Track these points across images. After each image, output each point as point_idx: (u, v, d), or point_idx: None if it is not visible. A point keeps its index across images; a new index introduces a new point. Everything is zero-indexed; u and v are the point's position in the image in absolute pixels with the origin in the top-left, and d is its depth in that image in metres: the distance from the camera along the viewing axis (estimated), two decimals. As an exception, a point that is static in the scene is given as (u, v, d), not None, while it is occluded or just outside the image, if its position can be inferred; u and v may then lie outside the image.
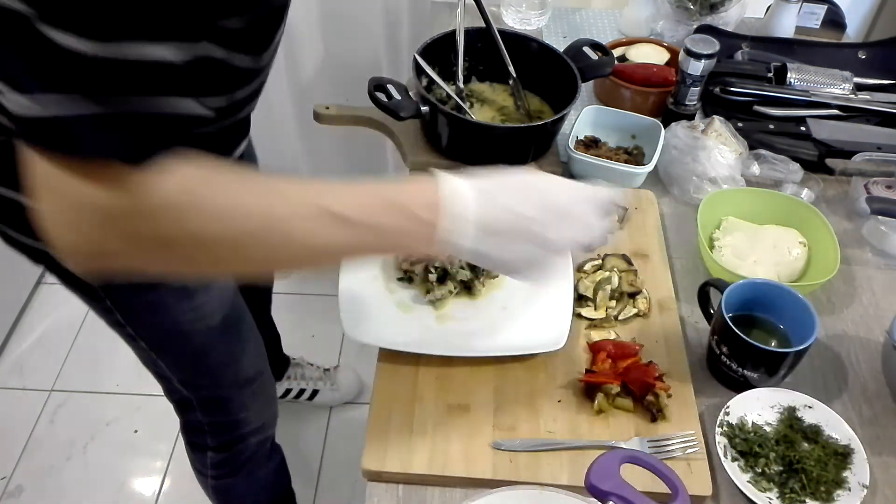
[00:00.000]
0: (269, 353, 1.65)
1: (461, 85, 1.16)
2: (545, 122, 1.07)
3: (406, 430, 0.78)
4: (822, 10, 1.44)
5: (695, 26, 1.37)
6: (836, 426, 0.79)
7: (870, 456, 0.77)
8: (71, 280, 0.85)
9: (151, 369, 1.04)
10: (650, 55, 1.29)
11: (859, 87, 1.26)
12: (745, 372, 0.81)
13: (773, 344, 0.85)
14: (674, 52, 1.29)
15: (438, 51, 1.14)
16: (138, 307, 0.89)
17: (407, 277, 0.93)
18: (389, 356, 0.85)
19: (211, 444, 1.16)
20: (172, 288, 0.87)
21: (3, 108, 0.51)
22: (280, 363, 1.73)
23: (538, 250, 0.65)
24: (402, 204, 0.61)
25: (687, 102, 1.17)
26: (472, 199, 0.62)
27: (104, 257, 0.54)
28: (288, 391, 1.76)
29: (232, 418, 1.11)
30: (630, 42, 1.33)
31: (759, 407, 0.81)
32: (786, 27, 1.40)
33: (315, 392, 1.78)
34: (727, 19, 1.40)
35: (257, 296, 1.48)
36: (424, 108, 1.05)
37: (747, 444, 0.77)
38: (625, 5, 1.46)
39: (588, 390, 0.82)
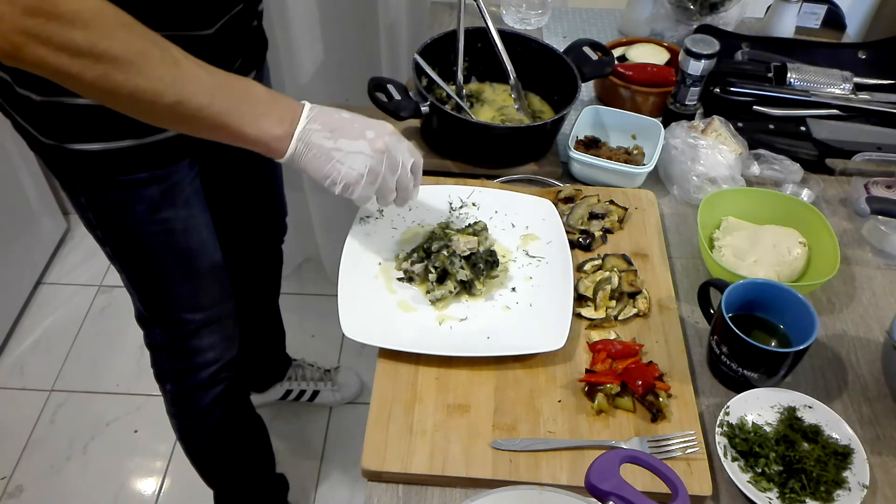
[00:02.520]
0: (272, 350, 1.67)
1: (461, 85, 1.16)
2: (545, 122, 1.07)
3: (406, 430, 0.78)
4: (822, 10, 1.44)
5: (695, 26, 1.37)
6: (836, 426, 0.79)
7: (870, 456, 0.77)
8: (53, 168, 0.92)
9: (122, 281, 1.09)
10: (650, 55, 1.29)
11: (859, 87, 1.26)
12: (745, 372, 0.81)
13: (773, 344, 0.85)
14: (674, 52, 1.29)
15: (438, 51, 1.14)
16: (107, 206, 0.95)
17: (407, 277, 0.93)
18: (389, 356, 0.85)
19: (167, 368, 1.18)
20: (140, 196, 0.94)
21: None
22: (282, 363, 1.73)
23: (365, 147, 0.78)
24: (271, 95, 0.76)
25: (687, 102, 1.17)
26: (321, 109, 0.78)
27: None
28: (288, 392, 1.76)
29: (187, 345, 1.13)
30: (630, 42, 1.33)
31: (759, 407, 0.81)
32: (786, 27, 1.40)
33: (315, 393, 1.78)
34: (727, 19, 1.40)
35: (263, 266, 1.48)
36: (424, 108, 1.05)
37: (747, 444, 0.77)
38: (625, 5, 1.46)
39: (588, 390, 0.82)
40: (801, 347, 0.79)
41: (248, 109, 0.73)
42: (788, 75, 1.25)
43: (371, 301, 0.90)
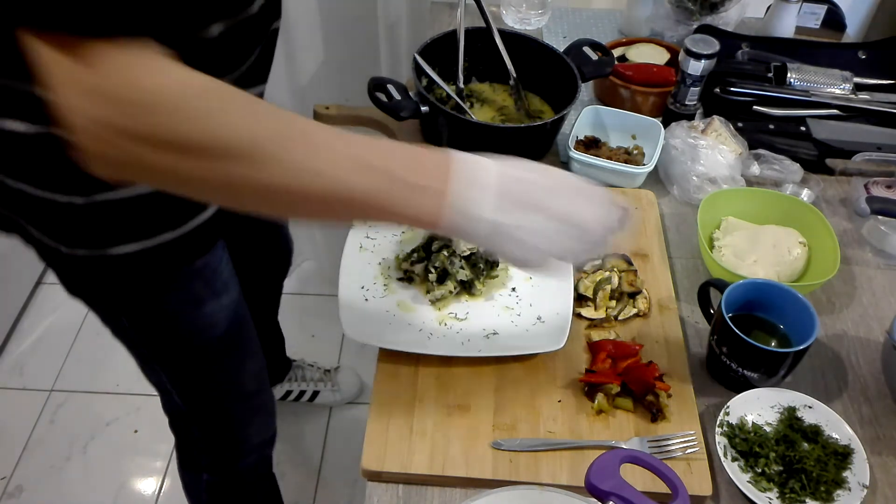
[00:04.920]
0: (272, 355, 1.66)
1: (461, 85, 1.16)
2: (545, 122, 1.07)
3: (406, 430, 0.78)
4: (822, 10, 1.44)
5: (695, 26, 1.37)
6: (836, 426, 0.79)
7: (870, 456, 0.77)
8: (80, 285, 0.83)
9: (152, 380, 1.02)
10: (650, 55, 1.29)
11: (859, 87, 1.26)
12: (745, 372, 0.81)
13: (773, 344, 0.85)
14: (674, 52, 1.29)
15: (438, 51, 1.14)
16: (147, 314, 0.86)
17: (407, 277, 0.93)
18: (389, 356, 0.85)
19: (205, 462, 1.13)
20: (183, 296, 0.85)
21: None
22: (282, 366, 1.73)
23: (560, 226, 0.62)
24: (420, 162, 0.60)
25: (687, 102, 1.17)
26: (492, 166, 0.61)
27: (115, 149, 0.52)
28: (289, 392, 1.76)
29: (228, 435, 1.09)
30: (630, 42, 1.33)
31: (759, 407, 0.81)
32: (786, 27, 1.40)
33: (316, 393, 1.78)
34: (727, 19, 1.40)
35: (265, 298, 1.48)
36: (424, 108, 1.05)
37: (747, 444, 0.77)
38: (625, 5, 1.46)
39: (588, 390, 0.82)
40: (801, 347, 0.79)
41: (399, 182, 0.59)
42: (788, 75, 1.25)
43: (371, 301, 0.90)
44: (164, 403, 1.08)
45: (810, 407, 0.81)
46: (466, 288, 0.91)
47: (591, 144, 1.14)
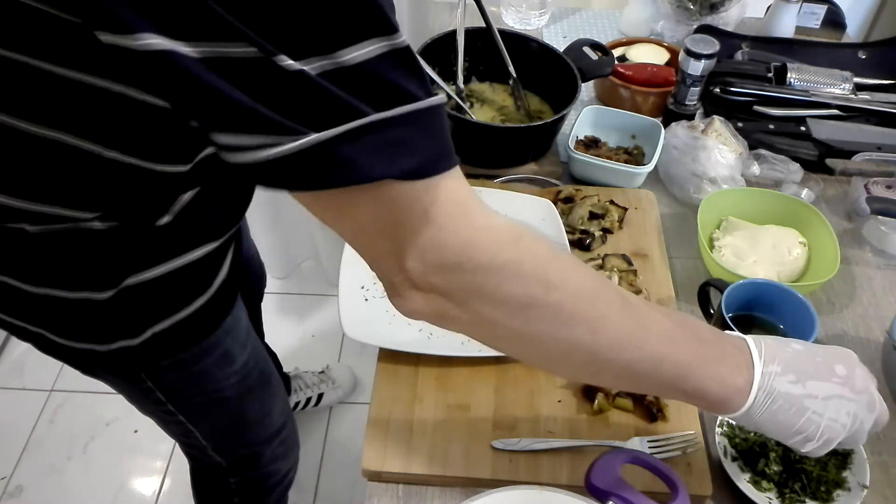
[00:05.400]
0: None
1: (461, 85, 1.16)
2: (545, 122, 1.07)
3: (406, 430, 0.78)
4: (822, 10, 1.44)
5: (695, 26, 1.37)
6: (836, 426, 0.79)
7: (870, 456, 0.77)
8: (109, 369, 0.79)
9: (182, 441, 1.00)
10: (650, 55, 1.29)
11: (859, 87, 1.26)
12: (745, 372, 0.81)
13: (773, 344, 0.84)
14: (674, 52, 1.29)
15: (438, 51, 1.14)
16: (181, 381, 0.83)
17: (407, 277, 0.93)
18: (389, 356, 0.85)
19: (237, 502, 1.13)
20: (216, 357, 0.83)
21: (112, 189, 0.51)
22: (284, 382, 1.72)
23: (841, 389, 0.61)
24: (723, 336, 0.60)
25: (687, 102, 1.17)
26: (775, 346, 0.61)
27: (447, 316, 0.52)
28: (297, 404, 1.76)
29: (261, 472, 1.09)
30: (630, 42, 1.33)
31: (759, 407, 0.81)
32: (786, 27, 1.40)
33: (321, 396, 1.78)
34: (727, 19, 1.40)
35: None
36: (424, 108, 1.05)
37: (747, 444, 0.77)
38: (625, 5, 1.46)
39: (588, 390, 0.82)
40: (801, 347, 0.79)
41: (708, 355, 0.58)
42: (788, 75, 1.25)
43: (371, 301, 0.90)
44: (195, 457, 1.06)
45: (810, 407, 0.80)
46: (466, 288, 0.91)
47: (591, 144, 1.14)
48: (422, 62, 1.14)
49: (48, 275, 0.66)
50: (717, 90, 1.24)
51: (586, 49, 1.17)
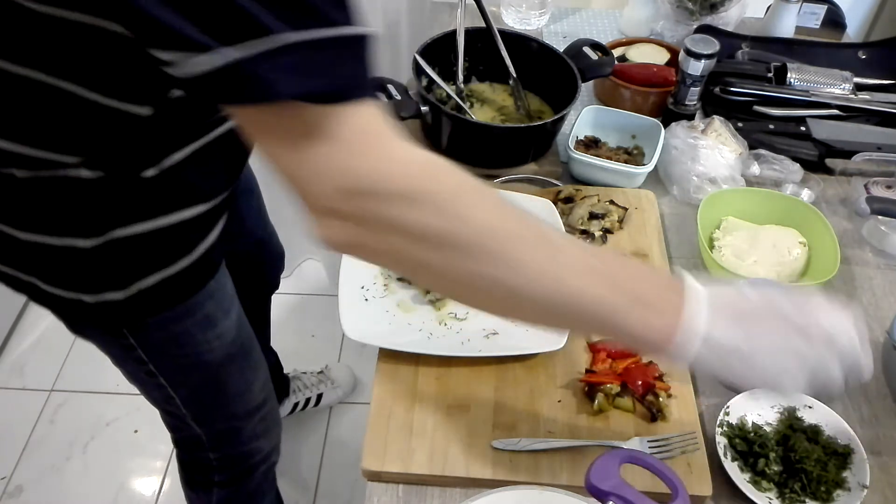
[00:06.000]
0: (273, 375, 1.66)
1: (461, 85, 1.16)
2: (545, 122, 1.07)
3: (406, 430, 0.78)
4: (822, 10, 1.44)
5: (695, 26, 1.37)
6: (836, 426, 0.79)
7: (870, 456, 0.77)
8: (95, 326, 0.82)
9: (164, 410, 1.01)
10: (650, 55, 1.29)
11: (859, 87, 1.26)
12: (745, 372, 0.81)
13: (773, 344, 0.84)
14: (674, 52, 1.29)
15: (438, 51, 1.14)
16: (162, 341, 0.84)
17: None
18: (389, 356, 0.85)
19: (218, 479, 1.12)
20: (198, 318, 0.84)
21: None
22: (284, 382, 1.72)
23: (789, 332, 0.58)
24: (654, 279, 0.59)
25: (687, 102, 1.17)
26: (713, 290, 0.58)
27: (354, 233, 0.52)
28: (296, 405, 1.76)
29: (242, 450, 1.09)
30: (630, 42, 1.33)
31: (759, 407, 0.81)
32: (786, 27, 1.40)
33: (320, 396, 1.78)
34: (727, 19, 1.40)
35: (258, 322, 1.47)
36: (424, 108, 1.05)
37: (747, 444, 0.77)
38: (625, 5, 1.46)
39: (588, 390, 0.82)
40: (801, 347, 0.79)
41: (636, 296, 0.56)
42: (788, 75, 1.25)
43: (371, 301, 0.90)
44: (174, 428, 1.07)
45: (810, 407, 0.80)
46: (466, 288, 0.91)
47: (591, 144, 1.14)
48: (422, 62, 1.14)
49: (36, 221, 0.68)
50: (717, 90, 1.24)
51: (586, 49, 1.17)
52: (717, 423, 0.79)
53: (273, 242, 1.32)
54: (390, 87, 1.06)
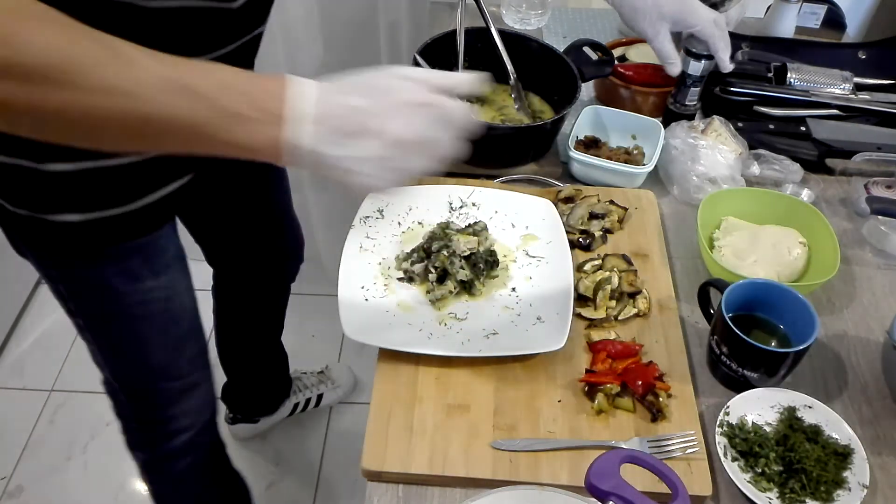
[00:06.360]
0: (276, 375, 1.66)
1: (461, 85, 1.16)
2: (545, 122, 1.07)
3: (406, 430, 0.78)
4: (822, 10, 1.44)
5: (695, 26, 1.36)
6: (836, 426, 0.79)
7: (870, 456, 0.77)
8: (23, 244, 0.84)
9: (96, 362, 1.03)
10: (650, 55, 1.29)
11: (859, 87, 1.26)
12: (745, 372, 0.81)
13: (773, 344, 0.85)
14: (674, 52, 1.29)
15: (438, 51, 1.14)
16: (82, 283, 0.87)
17: (407, 277, 0.93)
18: (389, 356, 0.85)
19: (137, 439, 1.14)
20: (120, 269, 0.85)
21: None
22: (286, 383, 1.73)
23: (382, 148, 0.60)
24: (248, 90, 0.56)
25: (687, 102, 1.17)
26: (313, 93, 0.58)
27: None
28: (296, 405, 1.76)
29: (157, 413, 1.08)
30: (630, 42, 1.33)
31: (759, 407, 0.81)
32: (786, 27, 1.40)
33: (320, 396, 1.78)
34: (727, 19, 1.40)
35: (269, 320, 1.47)
36: (424, 108, 1.05)
37: (747, 444, 0.77)
38: (625, 5, 1.45)
39: (588, 390, 0.82)
40: (801, 347, 0.79)
41: (220, 110, 0.55)
42: (788, 75, 1.25)
43: (371, 301, 0.90)
44: (103, 379, 1.09)
45: (810, 407, 0.81)
46: (466, 288, 0.91)
47: (591, 144, 1.14)
48: (422, 62, 1.14)
49: None
50: (717, 90, 1.24)
51: (586, 49, 1.17)
52: (717, 423, 0.79)
53: (291, 234, 1.34)
54: (390, 87, 1.06)
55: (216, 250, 1.26)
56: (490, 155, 1.10)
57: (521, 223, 1.00)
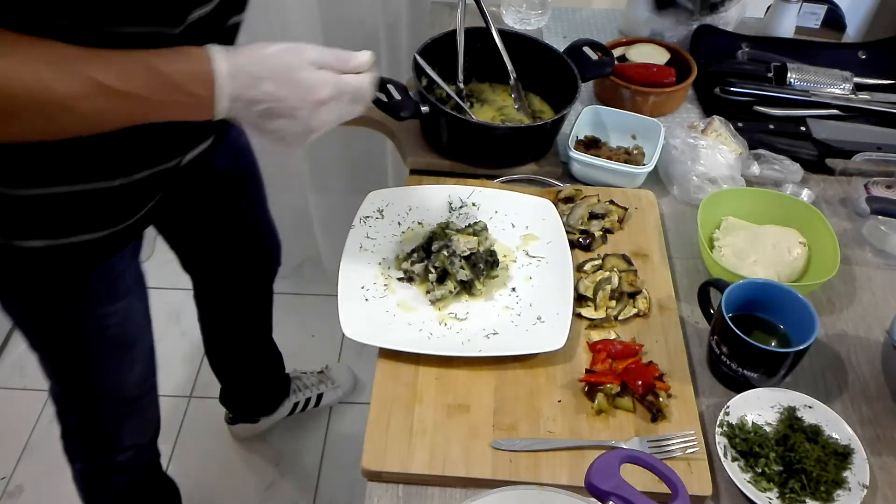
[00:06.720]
0: (271, 375, 1.66)
1: (461, 85, 1.16)
2: (545, 122, 1.07)
3: (406, 430, 0.78)
4: (822, 10, 1.44)
5: (695, 26, 1.37)
6: (836, 426, 0.79)
7: (870, 456, 0.77)
8: None
9: (38, 361, 1.01)
10: (650, 55, 1.29)
11: (859, 87, 1.26)
12: (745, 372, 0.81)
13: (773, 344, 0.85)
14: (674, 52, 1.29)
15: (438, 51, 1.14)
16: (40, 306, 0.86)
17: (407, 277, 0.93)
18: (389, 356, 0.85)
19: (77, 451, 1.14)
20: (78, 295, 0.85)
21: None
22: (284, 382, 1.72)
23: (297, 127, 0.70)
24: (173, 80, 0.63)
25: None
26: (227, 75, 0.65)
27: None
28: (296, 405, 1.75)
29: (100, 431, 1.08)
30: (630, 42, 1.33)
31: (759, 407, 0.81)
32: (786, 27, 1.40)
33: (320, 396, 1.78)
34: (727, 19, 1.40)
35: (254, 322, 1.46)
36: (424, 108, 1.05)
37: (747, 444, 0.77)
38: (625, 5, 1.46)
39: (588, 390, 0.82)
40: (801, 347, 0.79)
41: (163, 104, 0.64)
42: (788, 75, 1.25)
43: (371, 301, 0.90)
44: (49, 386, 1.08)
45: (810, 407, 0.81)
46: (466, 288, 0.91)
47: (591, 144, 1.14)
48: (421, 62, 1.14)
49: None
50: (717, 90, 1.24)
51: (586, 49, 1.17)
52: (717, 423, 0.79)
53: (273, 234, 1.32)
54: (390, 86, 1.06)
55: (192, 258, 1.25)
56: (490, 155, 1.10)
57: (521, 223, 1.00)
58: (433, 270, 0.90)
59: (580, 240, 0.99)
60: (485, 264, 0.92)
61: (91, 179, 0.75)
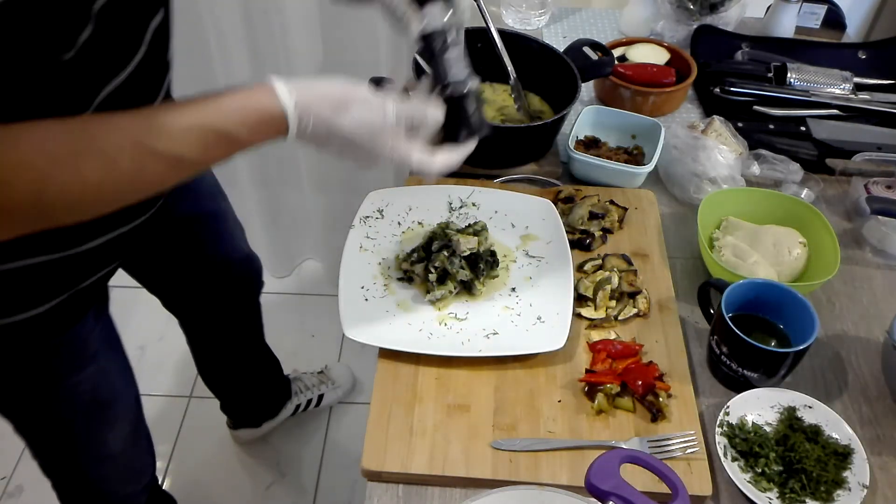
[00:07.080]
0: (269, 379, 1.64)
1: (461, 85, 1.16)
2: (545, 122, 1.07)
3: (406, 430, 0.78)
4: (822, 10, 1.44)
5: (695, 26, 1.37)
6: (836, 426, 0.79)
7: (870, 456, 0.77)
8: None
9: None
10: (650, 55, 1.29)
11: (859, 87, 1.26)
12: (745, 372, 0.81)
13: (773, 344, 0.85)
14: (674, 52, 1.29)
15: (438, 51, 1.14)
16: (6, 387, 0.83)
17: (407, 277, 0.93)
18: (389, 356, 0.85)
19: (73, 502, 1.11)
20: (43, 368, 0.82)
21: None
22: (284, 385, 1.72)
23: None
24: (229, 135, 0.62)
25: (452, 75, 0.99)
26: (292, 117, 0.65)
27: None
28: (298, 406, 1.75)
29: (91, 491, 1.07)
30: (630, 42, 1.33)
31: (759, 407, 0.81)
32: (786, 27, 1.40)
33: (321, 397, 1.78)
34: (727, 19, 1.40)
35: (243, 323, 1.44)
36: (424, 108, 1.05)
37: (747, 444, 0.77)
38: (625, 5, 1.46)
39: (588, 390, 0.82)
40: (801, 347, 0.79)
41: (250, 142, 0.64)
42: (788, 75, 1.25)
43: (371, 301, 0.90)
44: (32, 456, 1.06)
45: (810, 407, 0.81)
46: (466, 288, 0.91)
47: (591, 144, 1.14)
48: (422, 62, 1.14)
49: None
50: (717, 90, 1.24)
51: (586, 49, 1.17)
52: (717, 422, 0.79)
53: (250, 261, 1.30)
54: (389, 87, 1.06)
55: (169, 299, 1.24)
56: (490, 155, 1.10)
57: (520, 223, 1.00)
58: (433, 270, 0.90)
59: (580, 240, 0.99)
60: (485, 264, 0.92)
61: (39, 253, 0.71)
